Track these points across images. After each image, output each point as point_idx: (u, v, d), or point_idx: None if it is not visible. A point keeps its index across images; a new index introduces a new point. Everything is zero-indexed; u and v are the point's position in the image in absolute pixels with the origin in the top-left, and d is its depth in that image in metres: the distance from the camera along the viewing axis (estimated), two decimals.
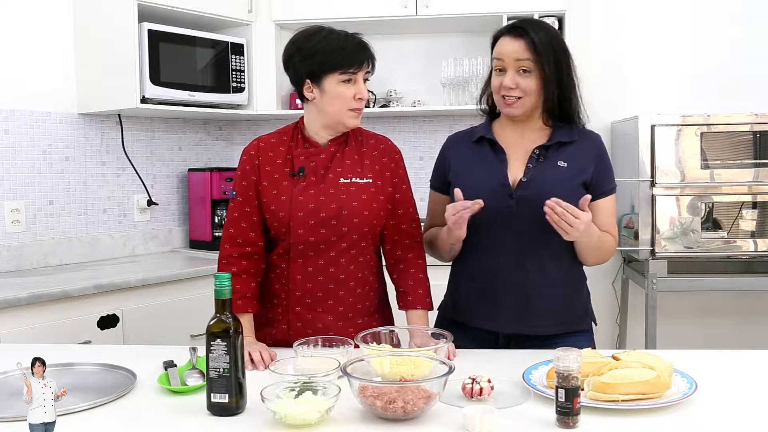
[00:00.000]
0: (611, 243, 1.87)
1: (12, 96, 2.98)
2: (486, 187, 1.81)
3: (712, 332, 3.64)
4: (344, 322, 1.86)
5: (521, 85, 1.78)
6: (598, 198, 1.83)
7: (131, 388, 1.53)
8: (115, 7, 3.01)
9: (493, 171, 1.83)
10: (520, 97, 1.79)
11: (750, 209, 3.14)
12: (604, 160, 1.87)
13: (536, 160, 1.82)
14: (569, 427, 1.29)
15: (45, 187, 3.10)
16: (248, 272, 1.86)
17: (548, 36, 1.78)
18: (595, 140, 1.89)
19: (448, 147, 1.98)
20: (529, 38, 1.76)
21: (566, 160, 1.82)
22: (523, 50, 1.77)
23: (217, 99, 3.36)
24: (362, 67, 1.81)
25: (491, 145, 1.87)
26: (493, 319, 1.85)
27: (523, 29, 1.78)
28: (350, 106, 1.81)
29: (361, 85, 1.82)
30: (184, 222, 3.67)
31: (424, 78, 3.77)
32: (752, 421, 1.34)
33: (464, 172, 1.88)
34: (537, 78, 1.78)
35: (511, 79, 1.78)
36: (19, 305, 2.43)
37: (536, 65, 1.77)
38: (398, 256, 1.94)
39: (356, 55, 1.80)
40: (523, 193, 1.78)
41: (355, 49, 1.81)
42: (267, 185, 1.85)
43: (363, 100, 1.83)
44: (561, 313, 1.85)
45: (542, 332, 1.83)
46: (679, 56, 3.66)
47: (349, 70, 1.79)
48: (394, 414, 1.31)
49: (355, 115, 1.84)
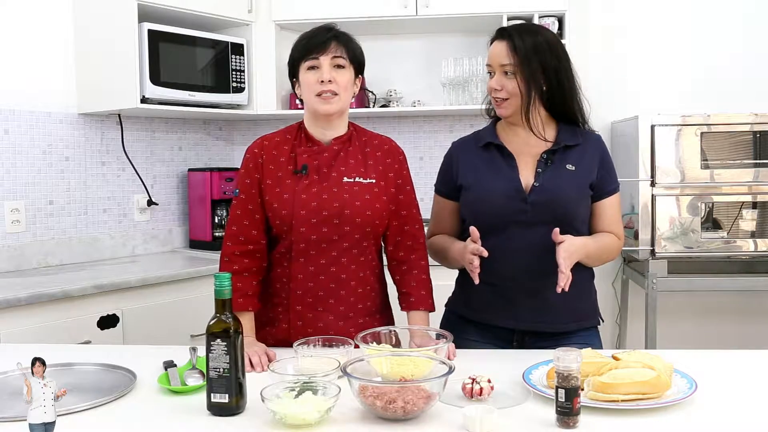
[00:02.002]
0: (614, 245, 1.90)
1: (12, 96, 2.98)
2: (500, 193, 1.84)
3: (712, 332, 3.64)
4: (345, 322, 1.86)
5: (506, 87, 1.83)
6: (602, 198, 1.89)
7: (131, 388, 1.53)
8: (115, 7, 3.01)
9: (505, 176, 1.86)
10: (507, 98, 1.84)
11: (750, 209, 3.14)
12: (606, 160, 1.92)
13: (545, 164, 1.86)
14: (569, 427, 1.29)
15: (45, 187, 3.10)
16: (250, 270, 1.86)
17: (535, 40, 1.82)
18: (597, 141, 1.93)
19: (454, 153, 2.00)
20: (512, 43, 1.82)
21: (573, 163, 1.86)
22: (505, 54, 1.82)
23: (217, 99, 3.36)
24: (324, 50, 1.80)
25: (499, 150, 1.90)
26: (510, 317, 1.87)
27: (508, 33, 1.84)
28: (315, 91, 1.81)
29: (326, 69, 1.80)
30: (184, 222, 3.67)
31: (424, 78, 3.77)
32: (752, 421, 1.34)
33: (476, 179, 1.90)
34: (519, 81, 1.82)
35: (496, 81, 1.85)
36: (19, 305, 2.43)
37: (518, 69, 1.81)
38: (401, 257, 1.94)
39: (316, 38, 1.82)
40: (537, 197, 1.82)
41: (316, 33, 1.83)
42: (270, 183, 1.85)
43: (326, 83, 1.80)
44: (575, 309, 1.89)
45: (559, 329, 1.86)
46: (679, 56, 3.66)
47: (310, 56, 1.80)
48: (394, 414, 1.31)
49: (321, 101, 1.81)
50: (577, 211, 1.85)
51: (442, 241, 1.97)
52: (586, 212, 1.88)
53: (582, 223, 1.87)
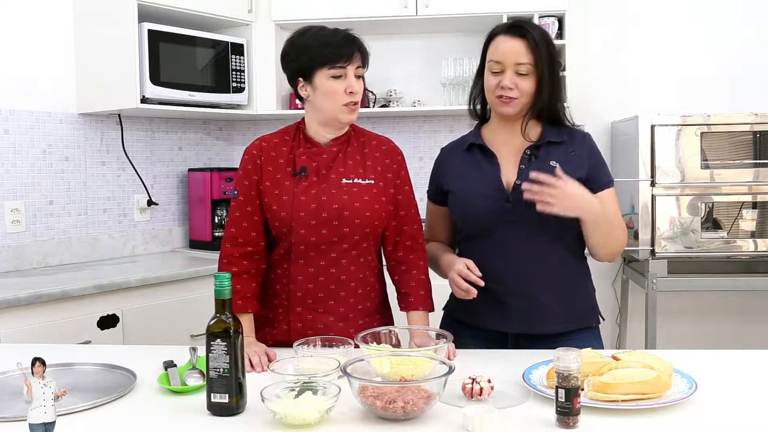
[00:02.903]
0: (624, 228, 1.84)
1: (12, 96, 2.98)
2: (482, 194, 1.82)
3: (712, 332, 3.64)
4: (345, 323, 1.85)
5: (520, 86, 1.77)
6: (596, 192, 1.83)
7: (131, 388, 1.53)
8: (115, 7, 3.01)
9: (486, 177, 1.84)
10: (516, 97, 1.79)
11: (750, 209, 3.14)
12: (596, 155, 1.88)
13: (528, 161, 1.83)
14: (569, 427, 1.29)
15: (45, 187, 3.10)
16: (249, 272, 1.86)
17: (543, 36, 1.79)
18: (584, 137, 1.90)
19: (442, 159, 1.99)
20: (531, 38, 1.76)
21: (558, 160, 1.81)
22: (524, 51, 1.76)
23: (217, 99, 3.36)
24: (351, 60, 1.79)
25: (482, 150, 1.88)
26: (502, 320, 1.85)
27: (524, 29, 1.78)
28: (342, 102, 1.80)
29: (352, 79, 1.80)
30: (184, 222, 3.67)
31: (424, 78, 3.77)
32: (752, 421, 1.34)
33: (460, 182, 1.88)
34: (534, 79, 1.78)
35: (510, 79, 1.77)
36: (19, 305, 2.43)
37: (534, 67, 1.77)
38: (400, 257, 1.93)
39: (343, 48, 1.79)
40: (519, 195, 1.77)
41: (341, 42, 1.80)
42: (269, 185, 1.85)
43: (355, 94, 1.80)
44: (569, 310, 1.85)
45: (551, 330, 1.83)
46: (680, 56, 3.66)
47: (336, 64, 1.78)
48: (394, 414, 1.31)
49: (348, 111, 1.82)
50: None
51: (434, 249, 1.96)
52: None
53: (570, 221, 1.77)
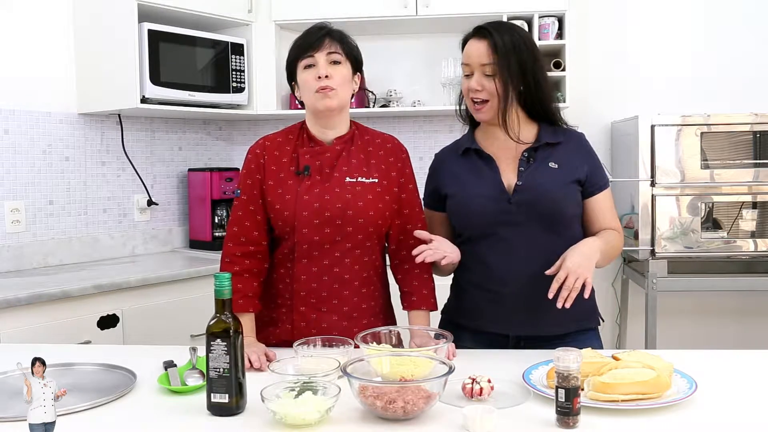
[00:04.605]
0: (619, 241, 1.86)
1: (12, 96, 2.98)
2: (483, 197, 1.82)
3: (712, 332, 3.64)
4: (349, 322, 1.85)
5: (487, 87, 1.79)
6: (594, 194, 1.86)
7: (131, 388, 1.53)
8: (115, 7, 3.02)
9: (486, 180, 1.84)
10: (487, 100, 1.80)
11: (750, 209, 3.14)
12: (593, 157, 1.89)
13: (526, 163, 1.83)
14: (569, 427, 1.29)
15: (45, 187, 3.10)
16: (251, 271, 1.85)
17: (513, 38, 1.78)
18: (580, 138, 1.91)
19: (437, 164, 1.99)
20: (492, 40, 1.77)
21: (556, 161, 1.82)
22: (487, 52, 1.78)
23: (217, 99, 3.36)
24: (319, 48, 1.79)
25: (478, 154, 1.88)
26: (505, 322, 1.85)
27: (487, 31, 1.79)
28: (314, 88, 1.79)
29: (322, 65, 1.79)
30: (184, 222, 3.67)
31: (424, 78, 3.77)
32: (752, 421, 1.34)
33: (459, 186, 1.88)
34: (499, 81, 1.78)
35: (477, 81, 1.80)
36: (19, 305, 2.43)
37: (498, 68, 1.77)
38: (403, 256, 1.93)
39: (310, 38, 1.81)
40: (521, 196, 1.79)
41: (310, 33, 1.82)
42: (272, 184, 1.84)
43: (324, 79, 1.78)
44: (571, 311, 1.83)
45: (553, 332, 1.83)
46: (679, 56, 3.66)
47: (306, 54, 1.80)
48: (394, 414, 1.31)
49: (321, 96, 1.79)
50: (563, 209, 1.81)
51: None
52: (575, 210, 1.85)
53: (570, 221, 1.83)
